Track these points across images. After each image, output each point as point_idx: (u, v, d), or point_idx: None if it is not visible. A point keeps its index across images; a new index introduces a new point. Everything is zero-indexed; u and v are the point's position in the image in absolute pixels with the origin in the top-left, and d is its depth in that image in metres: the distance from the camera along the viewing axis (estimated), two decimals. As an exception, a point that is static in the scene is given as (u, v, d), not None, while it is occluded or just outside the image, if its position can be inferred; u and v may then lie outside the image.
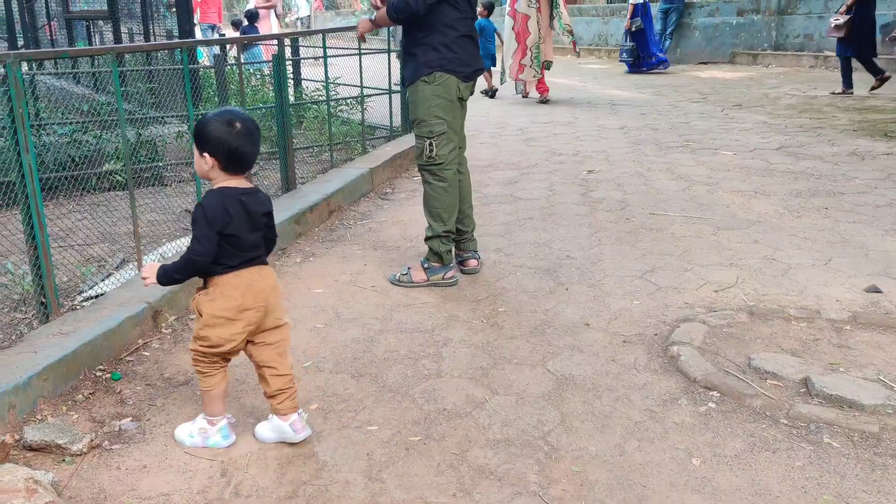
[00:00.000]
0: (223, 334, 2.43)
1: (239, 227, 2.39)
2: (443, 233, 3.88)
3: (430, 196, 3.87)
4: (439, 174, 3.81)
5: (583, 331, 3.36)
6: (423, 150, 3.78)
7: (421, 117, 3.75)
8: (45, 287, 3.16)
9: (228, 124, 2.37)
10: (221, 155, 2.38)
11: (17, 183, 3.05)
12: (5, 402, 2.58)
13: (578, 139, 7.69)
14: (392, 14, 3.66)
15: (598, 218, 5.01)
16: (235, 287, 2.42)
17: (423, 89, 3.72)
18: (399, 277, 3.95)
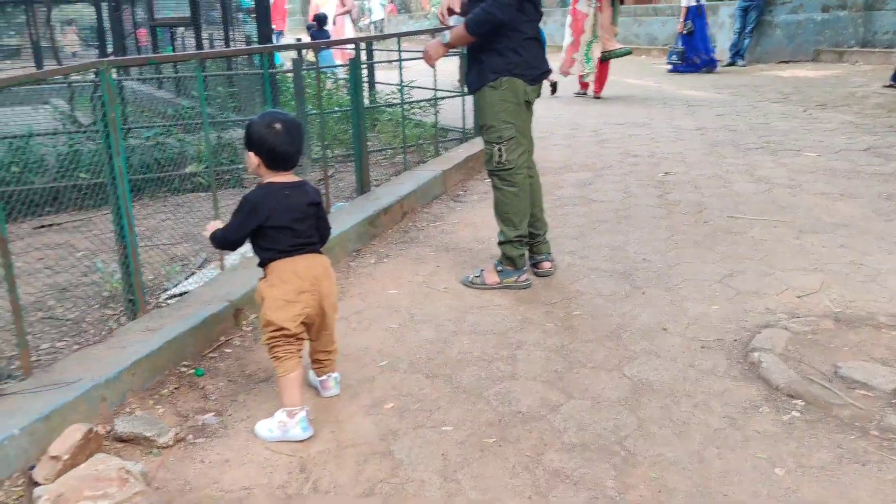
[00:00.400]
0: (285, 316, 2.61)
1: (284, 217, 2.61)
2: (515, 238, 3.85)
3: (501, 201, 3.84)
4: (509, 179, 3.78)
5: (660, 335, 3.31)
6: (492, 155, 3.76)
7: (489, 123, 3.72)
8: (134, 285, 3.28)
9: (269, 126, 2.59)
10: (264, 154, 2.62)
11: (109, 184, 3.18)
12: (98, 394, 2.70)
13: (654, 140, 7.57)
14: (474, 29, 3.56)
15: (675, 221, 4.92)
16: (291, 271, 2.62)
17: (489, 95, 3.69)
18: (472, 279, 3.96)
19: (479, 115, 3.80)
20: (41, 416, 2.49)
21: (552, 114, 9.54)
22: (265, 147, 2.60)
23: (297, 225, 2.64)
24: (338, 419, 2.72)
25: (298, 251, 2.65)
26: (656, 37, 17.37)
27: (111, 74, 3.07)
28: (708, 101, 10.11)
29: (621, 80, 12.11)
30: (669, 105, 9.86)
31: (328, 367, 2.88)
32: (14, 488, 2.34)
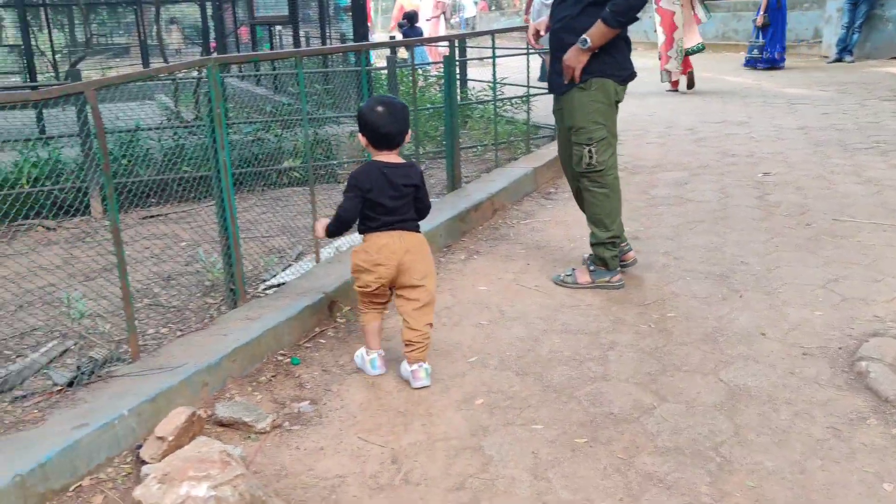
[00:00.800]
0: (364, 279, 2.96)
1: (380, 194, 2.88)
2: (607, 239, 3.79)
3: (592, 203, 3.79)
4: (599, 180, 3.73)
5: (758, 340, 3.20)
6: (582, 157, 3.69)
7: (579, 124, 3.66)
8: (235, 275, 3.40)
9: (372, 108, 2.89)
10: (368, 133, 2.91)
11: (213, 177, 3.30)
12: (200, 379, 2.81)
13: (753, 140, 7.32)
14: (617, 21, 3.46)
15: (775, 223, 4.75)
16: (373, 245, 2.93)
17: (579, 96, 3.65)
18: (563, 278, 3.92)
19: (568, 116, 3.72)
20: (148, 398, 2.61)
21: (646, 111, 9.36)
22: (369, 127, 2.88)
23: (391, 202, 2.89)
24: (429, 413, 2.75)
25: (389, 227, 2.91)
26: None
27: (217, 72, 3.18)
28: (812, 98, 9.72)
29: (719, 77, 11.79)
30: (770, 103, 9.52)
31: (418, 354, 2.93)
32: (123, 465, 2.46)
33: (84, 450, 2.37)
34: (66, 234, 5.28)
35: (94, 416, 2.49)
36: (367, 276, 2.94)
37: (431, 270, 3.00)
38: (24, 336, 3.47)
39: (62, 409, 2.56)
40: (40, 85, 7.14)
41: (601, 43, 3.51)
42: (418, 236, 2.99)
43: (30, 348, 3.34)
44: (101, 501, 2.30)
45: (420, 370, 2.94)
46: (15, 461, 2.24)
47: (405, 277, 2.92)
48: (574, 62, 3.58)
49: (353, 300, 3.69)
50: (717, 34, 17.95)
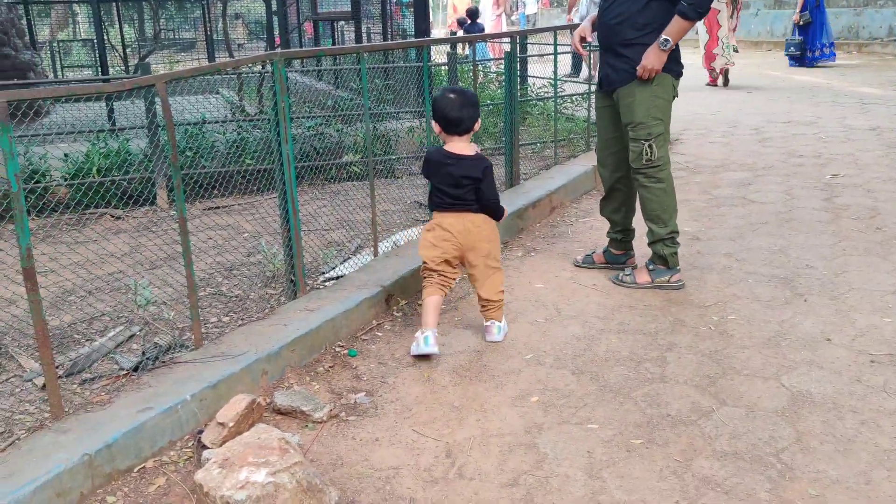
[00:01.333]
0: (428, 255, 3.23)
1: (439, 181, 3.21)
2: (666, 235, 3.75)
3: (648, 199, 3.75)
4: (656, 175, 3.69)
5: (823, 346, 3.12)
6: (641, 152, 3.65)
7: (639, 119, 3.63)
8: (295, 267, 3.45)
9: (445, 96, 3.18)
10: (439, 119, 3.18)
11: (276, 170, 3.36)
12: (260, 368, 2.86)
13: (821, 140, 7.13)
14: (696, 13, 3.46)
15: (843, 226, 4.62)
16: (438, 223, 3.24)
17: (640, 91, 3.61)
18: (622, 278, 3.88)
19: (626, 112, 3.67)
20: (210, 385, 2.67)
21: (710, 111, 9.20)
22: (440, 113, 3.17)
23: (450, 189, 3.19)
24: (483, 408, 2.75)
25: (449, 209, 3.21)
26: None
27: (283, 66, 3.23)
28: (885, 98, 9.41)
29: (788, 77, 11.49)
30: (840, 103, 9.25)
31: (492, 313, 3.29)
32: (185, 449, 2.53)
33: (148, 432, 2.45)
34: (134, 223, 5.44)
35: (158, 400, 2.56)
36: (432, 252, 3.21)
37: (495, 246, 3.28)
38: (93, 321, 3.59)
39: (128, 392, 2.64)
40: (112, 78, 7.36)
41: (680, 38, 3.52)
42: (481, 215, 3.25)
43: (98, 333, 3.45)
44: (164, 483, 2.37)
45: (493, 326, 3.28)
46: (84, 441, 2.32)
47: (472, 255, 3.23)
48: (656, 63, 3.54)
49: (411, 294, 3.73)
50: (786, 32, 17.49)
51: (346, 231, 4.83)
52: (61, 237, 5.11)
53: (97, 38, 6.79)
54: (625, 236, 4.09)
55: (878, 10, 15.08)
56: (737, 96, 10.39)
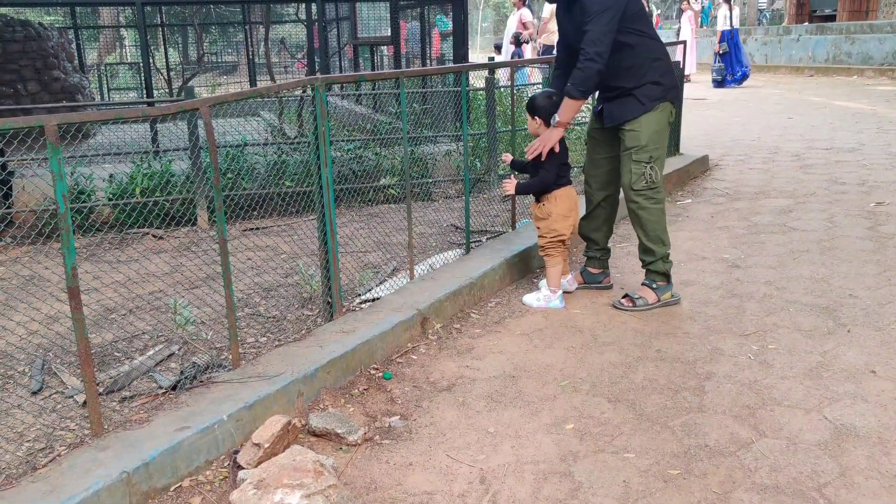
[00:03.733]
0: (563, 226, 3.88)
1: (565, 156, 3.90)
2: (666, 254, 3.91)
3: (648, 220, 3.86)
4: (655, 196, 3.84)
5: (867, 378, 3.05)
6: (642, 174, 3.79)
7: (643, 143, 3.77)
8: (332, 289, 3.48)
9: (548, 97, 3.85)
10: (544, 115, 3.83)
11: (315, 193, 3.40)
12: (295, 389, 2.88)
13: (865, 167, 7.01)
14: (579, 91, 3.65)
15: (889, 255, 4.52)
16: (566, 196, 3.91)
17: (646, 119, 3.75)
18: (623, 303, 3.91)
19: (631, 138, 3.78)
20: (246, 405, 2.69)
21: (750, 136, 9.11)
22: (544, 111, 3.82)
23: (567, 163, 3.92)
24: (518, 434, 2.73)
25: (568, 182, 3.93)
26: (871, 55, 16.09)
27: (324, 91, 3.28)
28: (930, 125, 9.23)
29: (830, 103, 11.34)
30: (884, 129, 9.09)
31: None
32: (220, 469, 2.55)
33: (185, 451, 2.47)
34: (174, 244, 5.53)
35: (196, 419, 2.58)
36: (566, 223, 3.89)
37: None
38: (134, 339, 3.65)
39: (166, 411, 2.67)
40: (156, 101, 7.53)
41: (572, 116, 3.80)
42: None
43: (138, 351, 3.51)
44: (200, 502, 2.38)
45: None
46: (122, 458, 2.35)
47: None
48: (550, 143, 3.80)
49: (446, 317, 3.73)
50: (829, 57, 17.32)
51: (382, 253, 4.86)
52: (104, 256, 5.22)
53: (143, 61, 6.96)
54: (603, 255, 4.24)
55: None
56: (777, 121, 10.28)
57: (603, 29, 3.54)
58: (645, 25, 3.75)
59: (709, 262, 4.57)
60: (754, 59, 19.88)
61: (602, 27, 3.53)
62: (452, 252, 4.60)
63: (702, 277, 4.31)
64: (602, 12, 3.53)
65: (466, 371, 3.24)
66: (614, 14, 3.55)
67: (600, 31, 3.54)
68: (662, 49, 3.83)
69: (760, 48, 19.85)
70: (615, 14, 3.56)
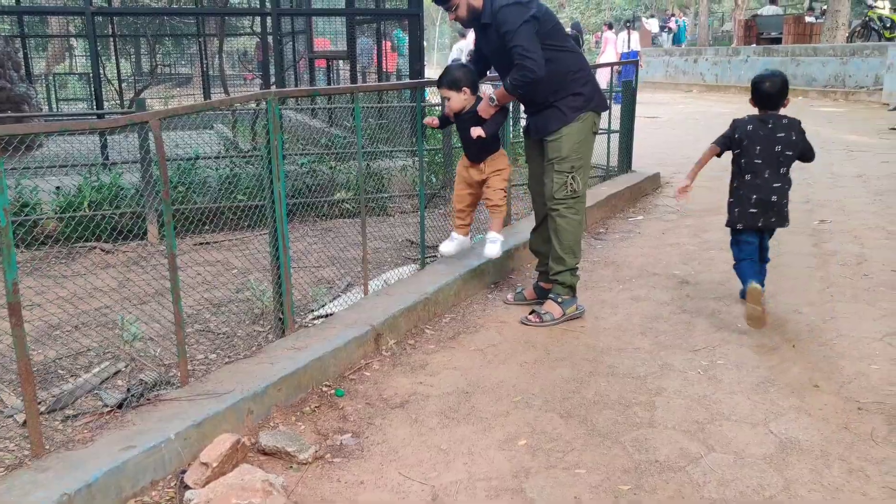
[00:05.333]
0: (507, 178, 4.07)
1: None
2: (575, 265, 3.95)
3: (565, 230, 3.90)
4: (576, 206, 3.90)
5: (811, 392, 3.12)
6: (565, 183, 3.84)
7: (565, 154, 3.83)
8: (284, 304, 3.44)
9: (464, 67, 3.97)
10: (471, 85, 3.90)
11: (268, 208, 3.36)
12: (245, 407, 2.83)
13: (808, 186, 7.19)
14: (517, 91, 3.74)
15: (831, 272, 4.65)
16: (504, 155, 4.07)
17: (568, 129, 3.82)
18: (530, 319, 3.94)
19: (553, 149, 3.86)
20: (194, 423, 2.64)
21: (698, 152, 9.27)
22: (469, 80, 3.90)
23: None
24: (471, 451, 2.73)
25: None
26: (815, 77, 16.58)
27: (277, 105, 3.26)
28: (871, 146, 9.53)
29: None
30: (826, 149, 9.33)
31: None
32: (167, 489, 2.49)
33: (130, 472, 2.41)
34: (123, 258, 5.42)
35: (142, 438, 2.52)
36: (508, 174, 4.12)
37: None
38: (79, 356, 3.56)
39: (111, 430, 2.60)
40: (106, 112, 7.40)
41: (505, 102, 3.89)
42: None
43: (83, 369, 3.42)
44: (144, 524, 2.32)
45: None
46: (64, 480, 2.28)
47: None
48: (483, 112, 3.89)
49: (400, 333, 3.72)
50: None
51: (336, 268, 4.83)
52: (49, 271, 5.09)
53: (93, 72, 6.83)
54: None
55: (864, 59, 15.36)
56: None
57: (528, 39, 3.63)
58: (562, 39, 3.83)
59: (659, 278, 4.64)
60: (705, 79, 20.34)
61: (526, 39, 3.62)
62: (407, 267, 4.59)
63: (653, 293, 4.37)
64: (519, 27, 3.62)
65: (420, 387, 3.23)
66: (529, 26, 3.64)
67: (527, 42, 3.62)
68: (582, 61, 3.91)
69: (711, 68, 20.31)
70: (531, 26, 3.65)
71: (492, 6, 3.73)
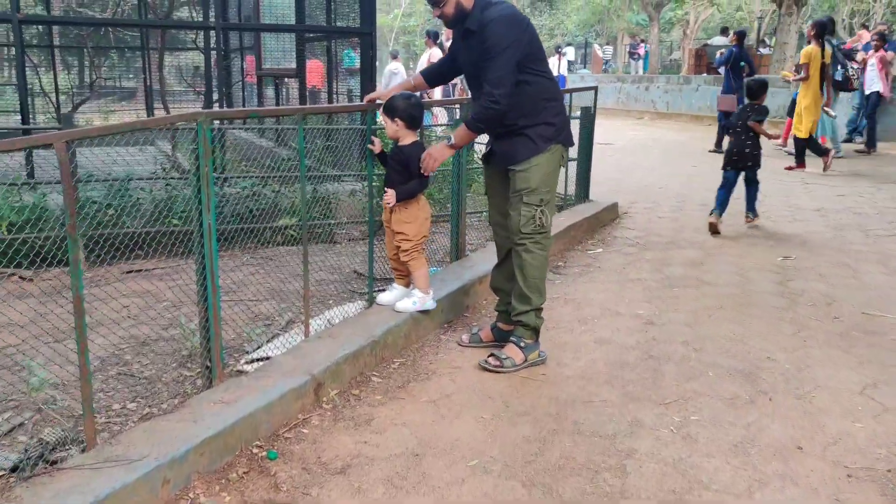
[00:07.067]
0: (426, 228, 3.87)
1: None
2: (540, 306, 3.69)
3: (531, 266, 3.64)
4: (542, 242, 3.65)
5: (794, 456, 2.85)
6: (532, 217, 3.59)
7: (534, 186, 3.59)
8: (212, 351, 3.05)
9: (407, 100, 3.75)
10: (406, 118, 3.72)
11: (196, 242, 2.98)
12: (160, 475, 2.44)
13: (769, 219, 7.05)
14: (478, 127, 3.58)
15: (800, 313, 4.43)
16: (426, 202, 3.91)
17: (537, 160, 3.59)
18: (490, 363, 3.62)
19: (521, 179, 3.59)
20: (97, 500, 2.24)
21: (658, 183, 9.12)
22: (406, 114, 3.71)
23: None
24: None
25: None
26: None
27: (209, 127, 2.89)
28: (825, 179, 9.49)
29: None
30: (782, 181, 9.28)
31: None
32: (58, 582, 2.09)
33: (11, 565, 2.01)
34: (44, 286, 4.94)
35: (30, 521, 2.12)
36: (428, 224, 3.91)
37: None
38: (-26, 407, 3.12)
39: (-6, 509, 2.19)
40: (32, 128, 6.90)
41: (465, 143, 3.76)
42: None
43: (-23, 422, 2.98)
44: None
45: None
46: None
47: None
48: (438, 157, 3.68)
49: (344, 382, 3.35)
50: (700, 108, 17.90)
51: (276, 302, 4.45)
52: (-46, 301, 4.59)
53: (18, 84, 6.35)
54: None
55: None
56: (682, 168, 10.40)
57: (506, 69, 3.39)
58: (543, 65, 3.60)
59: (623, 319, 4.36)
60: (656, 106, 20.45)
61: (505, 67, 3.38)
62: (354, 304, 4.22)
63: (617, 335, 4.09)
64: (504, 50, 3.37)
65: (364, 448, 2.87)
66: (515, 52, 3.40)
67: (503, 71, 3.38)
68: (557, 90, 3.69)
69: (662, 96, 20.43)
70: (516, 52, 3.40)
71: (482, 14, 3.44)
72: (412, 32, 43.39)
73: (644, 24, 33.84)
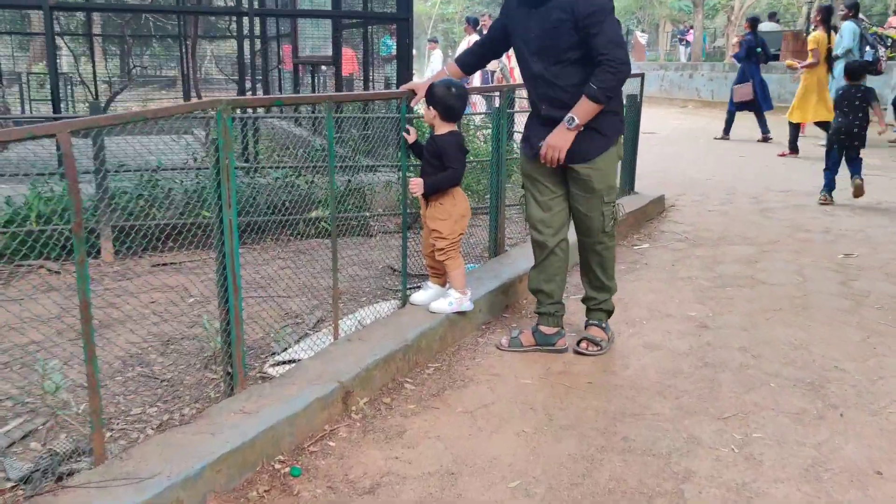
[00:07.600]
0: (463, 225, 3.68)
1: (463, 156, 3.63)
2: (615, 290, 3.77)
3: (609, 258, 3.66)
4: (614, 234, 3.64)
5: (874, 482, 2.55)
6: (612, 215, 3.54)
7: (612, 184, 3.51)
8: (234, 356, 2.85)
9: (447, 89, 3.54)
10: (440, 108, 3.54)
11: (216, 239, 2.78)
12: (172, 496, 2.24)
13: (826, 214, 6.67)
14: (607, 97, 3.24)
15: (867, 317, 4.10)
16: (463, 196, 3.69)
17: (607, 157, 3.44)
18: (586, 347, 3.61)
19: (600, 178, 3.43)
20: (101, 524, 2.05)
21: (704, 175, 8.76)
22: (442, 104, 3.53)
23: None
24: None
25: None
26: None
27: (230, 116, 2.67)
28: (886, 168, 9.03)
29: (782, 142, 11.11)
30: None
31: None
32: None
33: None
34: (70, 280, 4.81)
35: (27, 549, 1.93)
36: (465, 222, 3.70)
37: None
38: (-13, 410, 2.96)
39: (-9, 532, 2.01)
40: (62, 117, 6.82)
41: (587, 120, 3.28)
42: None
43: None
44: None
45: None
46: None
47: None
48: (563, 145, 3.32)
49: (375, 389, 3.13)
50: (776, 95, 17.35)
51: (307, 299, 4.24)
52: (-22, 295, 4.47)
53: (50, 71, 6.24)
54: (558, 310, 3.70)
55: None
56: (730, 159, 9.99)
57: (618, 30, 3.23)
58: None
59: (674, 321, 4.07)
60: (700, 95, 19.88)
61: (616, 29, 3.22)
62: (386, 303, 4.00)
63: (668, 340, 3.80)
64: (610, 12, 3.20)
65: (395, 464, 2.64)
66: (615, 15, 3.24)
67: (615, 34, 3.21)
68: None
69: (707, 84, 19.87)
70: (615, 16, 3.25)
71: None
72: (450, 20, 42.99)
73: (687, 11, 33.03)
